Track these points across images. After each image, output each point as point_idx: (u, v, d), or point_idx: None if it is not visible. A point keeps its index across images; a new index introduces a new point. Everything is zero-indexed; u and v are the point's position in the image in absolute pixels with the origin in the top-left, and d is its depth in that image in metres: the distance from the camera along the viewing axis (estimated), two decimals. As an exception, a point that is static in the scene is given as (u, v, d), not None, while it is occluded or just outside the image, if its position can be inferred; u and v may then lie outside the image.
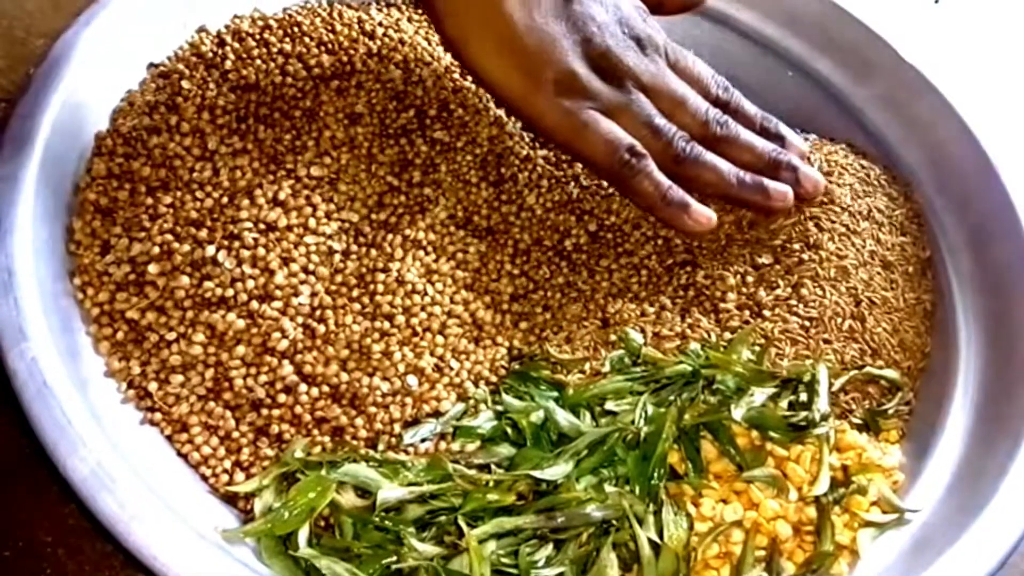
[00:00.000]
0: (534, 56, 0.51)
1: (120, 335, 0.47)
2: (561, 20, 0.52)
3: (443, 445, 0.48)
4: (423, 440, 0.47)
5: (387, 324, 0.49)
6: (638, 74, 0.54)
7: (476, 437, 0.47)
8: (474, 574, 0.41)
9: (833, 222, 0.57)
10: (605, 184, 0.59)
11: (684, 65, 0.57)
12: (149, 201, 0.49)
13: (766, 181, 0.56)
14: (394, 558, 0.41)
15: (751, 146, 0.56)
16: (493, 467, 0.46)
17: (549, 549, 0.43)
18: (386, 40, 0.59)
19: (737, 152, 0.56)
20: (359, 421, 0.47)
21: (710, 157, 0.55)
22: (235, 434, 0.46)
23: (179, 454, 0.46)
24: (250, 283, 0.47)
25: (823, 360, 0.52)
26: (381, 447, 0.46)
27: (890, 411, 0.53)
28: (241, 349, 0.47)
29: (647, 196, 0.54)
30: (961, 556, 0.44)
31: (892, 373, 0.53)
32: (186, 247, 0.48)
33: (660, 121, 0.54)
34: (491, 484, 0.44)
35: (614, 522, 0.44)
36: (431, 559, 0.42)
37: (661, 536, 0.44)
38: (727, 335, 0.53)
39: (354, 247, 0.51)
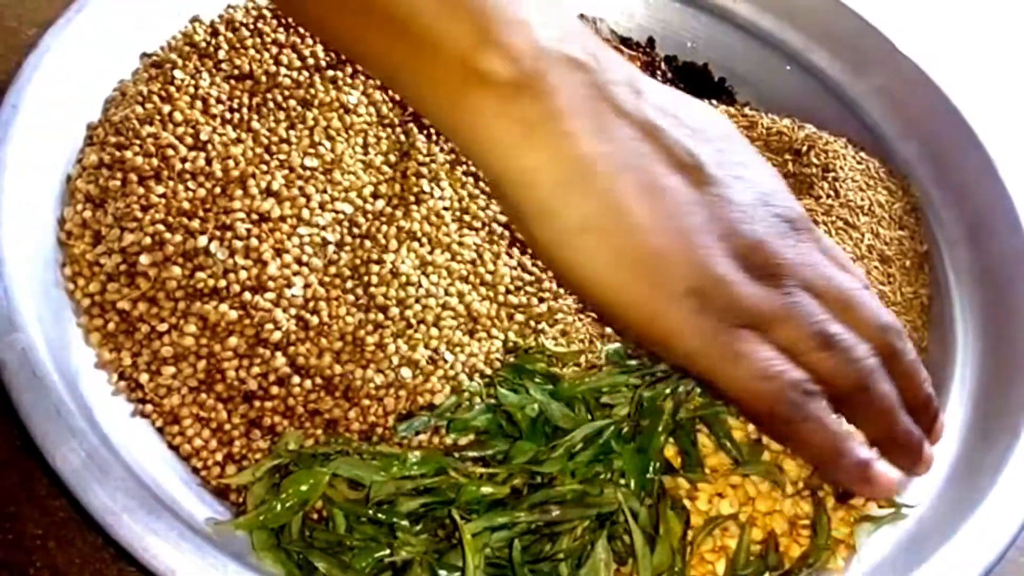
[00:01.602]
0: (664, 261, 0.36)
1: (111, 326, 0.46)
2: (695, 209, 0.37)
3: (436, 439, 0.47)
4: (417, 433, 0.47)
5: (381, 316, 0.49)
6: (799, 267, 0.39)
7: (470, 430, 0.47)
8: (469, 568, 0.41)
9: (831, 215, 0.57)
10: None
11: (834, 255, 0.42)
12: (141, 191, 0.48)
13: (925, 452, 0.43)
14: (387, 551, 0.41)
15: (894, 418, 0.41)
16: (488, 460, 0.46)
17: (544, 543, 0.43)
18: (381, 30, 0.59)
19: (872, 418, 0.41)
20: (352, 413, 0.46)
21: (888, 388, 0.40)
22: (227, 426, 0.45)
23: (170, 446, 0.45)
24: (243, 274, 0.47)
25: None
26: (374, 440, 0.46)
27: None
28: (233, 340, 0.46)
29: (815, 449, 0.39)
30: (959, 550, 0.44)
31: None
32: (178, 237, 0.47)
33: (836, 328, 0.39)
34: (485, 477, 0.44)
35: (610, 516, 0.44)
36: (425, 552, 0.41)
37: (657, 530, 0.44)
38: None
39: (348, 238, 0.50)
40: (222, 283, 0.47)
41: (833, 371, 0.38)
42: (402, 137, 0.54)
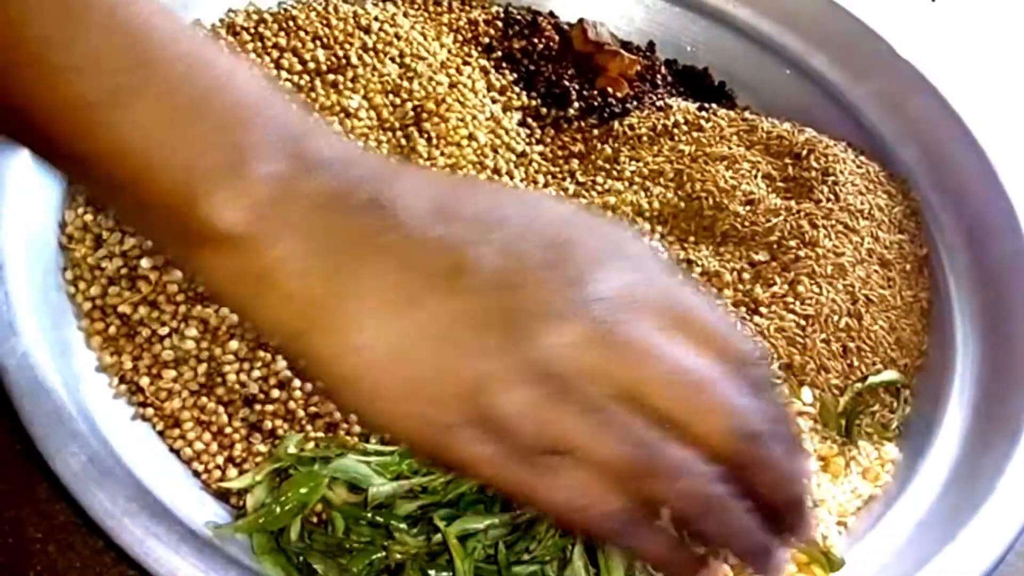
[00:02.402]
0: (428, 392, 0.31)
1: (112, 330, 0.46)
2: (466, 322, 0.31)
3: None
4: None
5: (381, 320, 0.48)
6: (622, 368, 0.31)
7: None
8: (459, 571, 0.41)
9: (830, 219, 0.57)
10: (601, 180, 0.58)
11: (706, 319, 0.33)
12: (142, 195, 0.48)
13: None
14: (382, 553, 0.41)
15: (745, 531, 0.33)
16: None
17: (529, 540, 0.43)
18: (382, 35, 0.59)
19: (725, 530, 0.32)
20: (353, 416, 0.46)
21: (736, 514, 0.32)
22: (228, 429, 0.45)
23: (171, 450, 0.45)
24: (243, 278, 0.47)
25: (819, 358, 0.52)
26: (374, 441, 0.46)
27: (894, 423, 0.52)
28: (234, 344, 0.46)
29: (654, 562, 0.35)
30: (958, 555, 0.44)
31: (893, 375, 0.53)
32: (179, 241, 0.47)
33: (656, 450, 0.31)
34: None
35: None
36: (416, 554, 0.41)
37: None
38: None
39: (348, 242, 0.50)
40: (223, 287, 0.47)
41: (663, 499, 0.32)
42: (403, 140, 0.54)
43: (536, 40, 0.66)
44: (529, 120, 0.62)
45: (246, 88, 0.32)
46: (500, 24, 0.67)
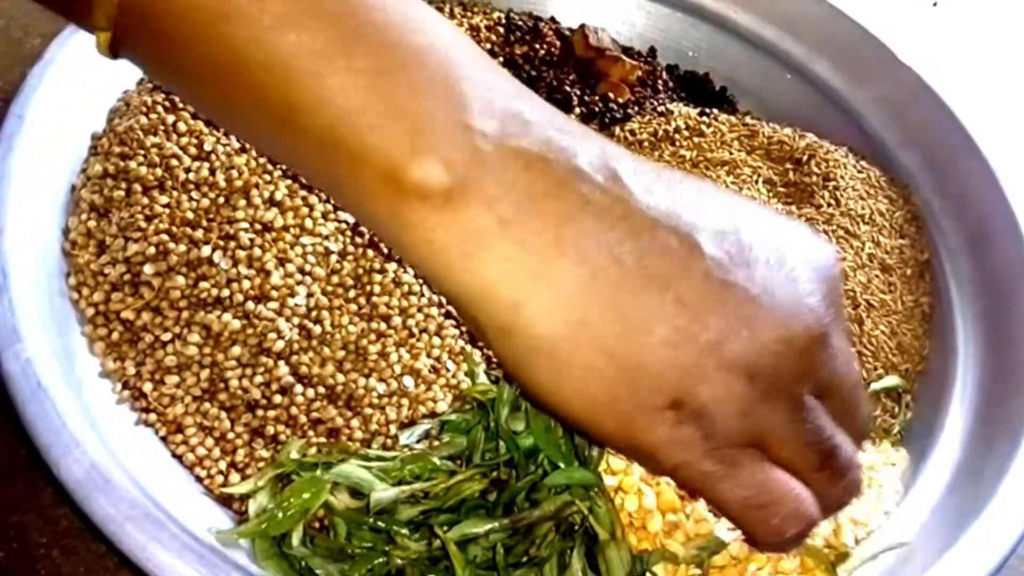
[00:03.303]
0: (639, 376, 0.30)
1: (115, 336, 0.46)
2: (685, 310, 0.30)
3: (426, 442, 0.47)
4: (419, 441, 0.47)
5: (383, 325, 0.49)
6: (817, 370, 0.32)
7: (462, 433, 0.47)
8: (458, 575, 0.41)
9: (831, 224, 0.57)
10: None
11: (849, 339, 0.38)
12: (145, 201, 0.48)
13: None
14: (384, 559, 0.41)
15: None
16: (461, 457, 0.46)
17: (527, 544, 0.43)
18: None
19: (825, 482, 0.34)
20: (355, 422, 0.47)
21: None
22: (230, 435, 0.46)
23: (174, 455, 0.45)
24: (246, 284, 0.47)
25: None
26: (375, 447, 0.46)
27: (896, 428, 0.52)
28: (237, 350, 0.46)
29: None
30: (960, 558, 0.44)
31: (894, 380, 0.53)
32: (182, 247, 0.47)
33: (837, 441, 0.33)
34: (464, 475, 0.44)
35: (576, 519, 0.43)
36: (416, 559, 0.41)
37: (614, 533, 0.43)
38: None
39: (351, 247, 0.50)
40: (225, 293, 0.47)
41: (824, 490, 0.34)
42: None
43: (538, 46, 0.67)
44: (531, 126, 0.62)
45: (457, 45, 0.31)
46: (502, 30, 0.67)
